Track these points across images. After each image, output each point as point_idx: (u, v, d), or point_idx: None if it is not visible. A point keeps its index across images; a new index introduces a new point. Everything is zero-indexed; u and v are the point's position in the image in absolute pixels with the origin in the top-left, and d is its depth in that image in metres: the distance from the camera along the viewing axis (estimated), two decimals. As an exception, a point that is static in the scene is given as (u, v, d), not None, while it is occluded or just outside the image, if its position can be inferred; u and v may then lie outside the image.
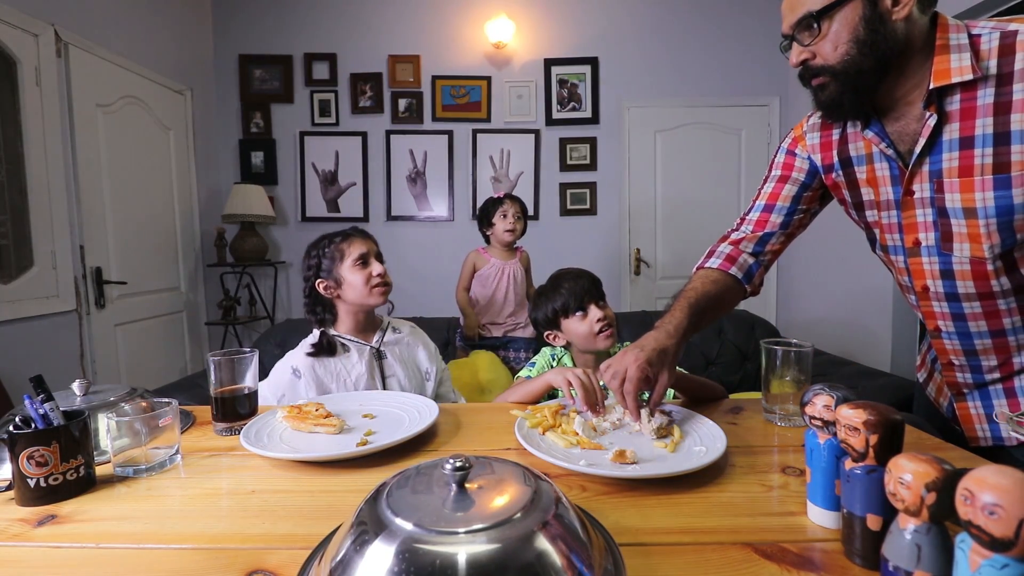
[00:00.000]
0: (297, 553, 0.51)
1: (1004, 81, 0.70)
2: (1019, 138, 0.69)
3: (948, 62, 0.71)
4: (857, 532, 0.49)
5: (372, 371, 1.23)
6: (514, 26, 3.29)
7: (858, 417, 0.47)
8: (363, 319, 1.26)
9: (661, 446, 0.76)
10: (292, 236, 3.46)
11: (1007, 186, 0.71)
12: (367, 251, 1.22)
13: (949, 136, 0.74)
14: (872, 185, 0.85)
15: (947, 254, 0.79)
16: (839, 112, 0.82)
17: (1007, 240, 0.74)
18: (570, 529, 0.42)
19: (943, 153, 0.75)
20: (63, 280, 2.25)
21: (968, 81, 0.71)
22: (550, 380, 1.02)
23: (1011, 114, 0.69)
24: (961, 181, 0.74)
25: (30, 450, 0.63)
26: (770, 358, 0.89)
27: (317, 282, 1.22)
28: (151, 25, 2.84)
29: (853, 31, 0.73)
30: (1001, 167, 0.71)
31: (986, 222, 0.74)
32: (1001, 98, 0.70)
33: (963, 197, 0.74)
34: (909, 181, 0.79)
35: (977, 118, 0.72)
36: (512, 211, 2.20)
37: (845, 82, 0.76)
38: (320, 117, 3.38)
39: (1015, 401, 0.84)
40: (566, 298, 1.19)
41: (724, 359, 1.87)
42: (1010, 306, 0.79)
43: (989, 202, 0.72)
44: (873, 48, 0.73)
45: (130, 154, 2.67)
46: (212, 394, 0.89)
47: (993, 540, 0.33)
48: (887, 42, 0.72)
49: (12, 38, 2.04)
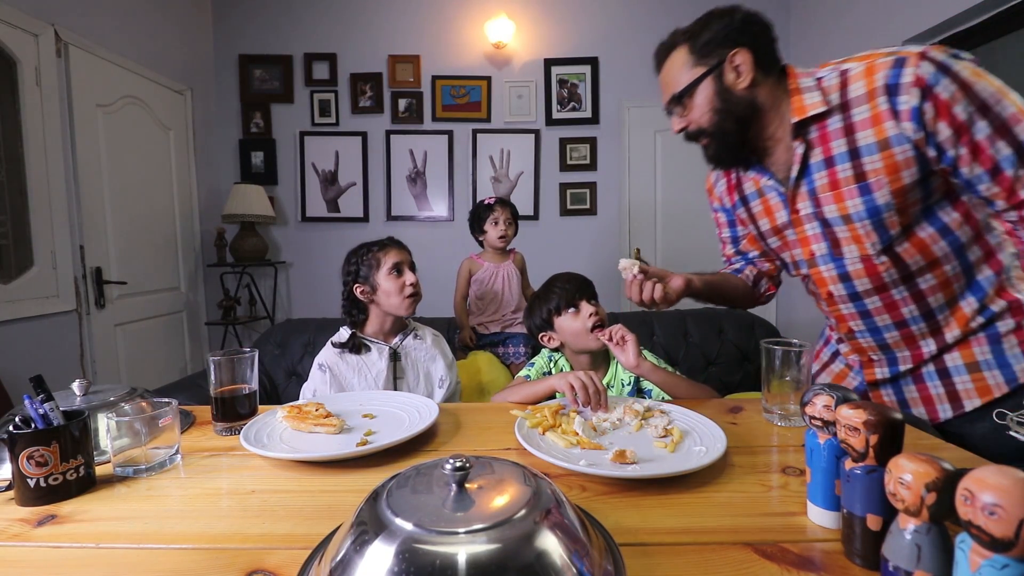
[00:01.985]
0: (297, 553, 0.51)
1: (846, 108, 0.85)
2: (866, 151, 0.84)
3: (802, 100, 0.88)
4: (857, 532, 0.49)
5: (388, 371, 1.30)
6: (514, 26, 3.29)
7: (858, 417, 0.47)
8: (391, 323, 1.35)
9: (661, 446, 0.76)
10: (292, 236, 3.46)
11: (869, 191, 0.85)
12: (401, 260, 1.32)
13: (815, 159, 0.90)
14: (768, 215, 1.01)
15: (839, 258, 0.93)
16: (723, 163, 1.00)
17: (884, 237, 0.87)
18: (570, 529, 0.42)
19: (814, 174, 0.90)
20: (63, 280, 2.25)
21: (821, 113, 0.86)
22: (553, 384, 1.02)
23: (856, 133, 0.85)
24: (833, 194, 0.89)
25: (30, 450, 0.63)
26: (770, 358, 0.89)
27: (355, 287, 1.31)
28: (151, 25, 2.83)
29: (711, 103, 0.91)
30: (860, 176, 0.85)
31: (861, 224, 0.87)
32: (847, 121, 0.85)
33: (838, 207, 0.89)
34: (793, 201, 0.94)
35: (832, 141, 0.87)
36: (503, 217, 2.22)
37: (718, 140, 0.93)
38: (320, 117, 3.38)
39: (923, 386, 0.95)
40: (558, 297, 1.22)
41: (724, 359, 1.87)
42: (903, 295, 0.91)
43: (859, 207, 0.87)
44: (729, 112, 0.90)
45: (130, 154, 2.67)
46: (212, 394, 0.89)
47: (993, 540, 0.33)
48: (739, 106, 0.90)
49: (12, 38, 2.04)
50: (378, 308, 1.32)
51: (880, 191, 0.84)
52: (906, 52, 0.80)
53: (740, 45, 0.88)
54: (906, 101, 0.79)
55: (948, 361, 0.92)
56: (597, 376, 0.95)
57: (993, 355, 0.88)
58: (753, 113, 0.90)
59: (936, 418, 0.94)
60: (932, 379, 0.94)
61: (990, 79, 0.78)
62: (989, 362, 0.89)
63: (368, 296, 1.31)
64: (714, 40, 0.90)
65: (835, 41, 2.92)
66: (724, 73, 0.90)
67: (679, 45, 0.94)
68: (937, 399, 0.94)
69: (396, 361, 1.32)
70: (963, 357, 0.90)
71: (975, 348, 0.90)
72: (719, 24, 0.90)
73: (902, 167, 0.82)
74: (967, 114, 0.76)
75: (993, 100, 0.77)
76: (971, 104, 0.76)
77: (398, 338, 1.35)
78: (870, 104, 0.82)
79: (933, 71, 0.77)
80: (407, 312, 1.32)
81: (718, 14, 0.91)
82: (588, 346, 1.19)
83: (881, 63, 0.81)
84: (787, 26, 3.36)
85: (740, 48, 0.88)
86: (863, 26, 2.71)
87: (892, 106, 0.80)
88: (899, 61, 0.79)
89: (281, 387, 1.78)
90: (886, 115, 0.81)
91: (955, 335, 0.91)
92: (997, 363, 0.88)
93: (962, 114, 0.77)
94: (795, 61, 0.92)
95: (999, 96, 0.77)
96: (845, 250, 0.91)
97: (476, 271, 2.28)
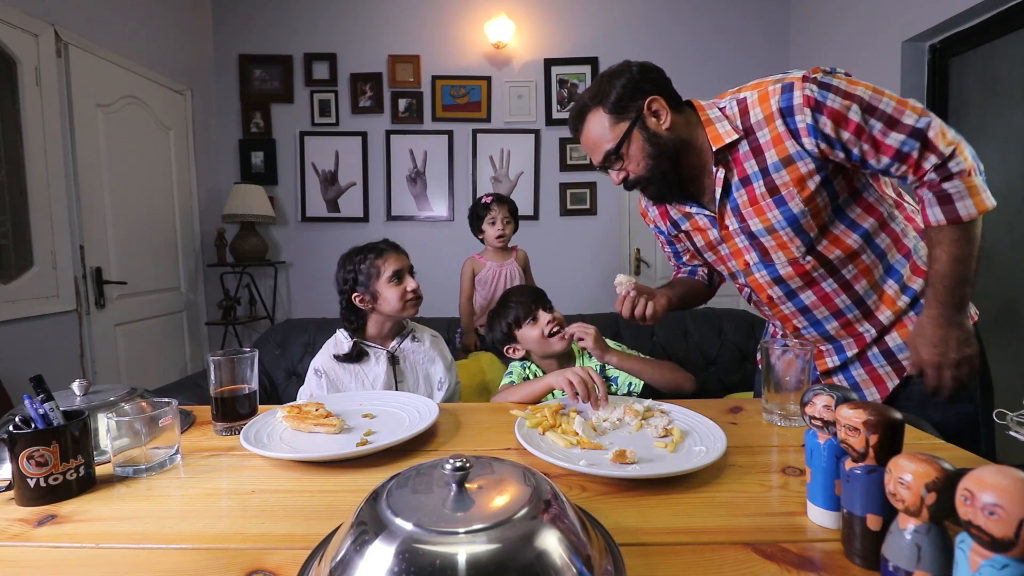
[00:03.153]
0: (297, 553, 0.51)
1: (749, 132, 0.96)
2: (774, 168, 0.94)
3: (717, 130, 0.97)
4: (857, 532, 0.49)
5: (388, 375, 1.29)
6: (514, 26, 3.29)
7: (858, 417, 0.47)
8: (389, 326, 1.33)
9: (661, 446, 0.76)
10: (292, 236, 3.46)
11: (784, 203, 0.95)
12: (401, 267, 1.29)
13: (734, 180, 1.00)
14: (700, 233, 1.10)
15: (771, 264, 1.02)
16: (666, 199, 1.10)
17: (805, 239, 0.98)
18: (570, 529, 0.42)
19: (734, 193, 1.00)
20: (63, 280, 2.25)
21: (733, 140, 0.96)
22: (551, 382, 1.03)
23: (763, 153, 0.95)
24: (753, 208, 0.98)
25: (30, 450, 0.63)
26: (770, 358, 0.89)
27: (353, 296, 1.28)
28: (151, 25, 2.83)
29: (643, 150, 0.99)
30: (774, 191, 0.96)
31: (784, 232, 0.97)
32: (752, 144, 0.96)
33: (760, 220, 0.98)
34: (721, 219, 1.04)
35: (744, 163, 0.97)
36: (500, 216, 2.20)
37: (658, 182, 1.02)
38: (320, 117, 3.38)
39: (871, 368, 1.03)
40: (516, 310, 1.28)
41: (724, 359, 1.87)
42: (834, 287, 1.00)
43: (778, 217, 0.96)
44: (662, 154, 0.99)
45: (130, 154, 2.67)
46: (212, 394, 0.89)
47: (993, 540, 0.33)
48: (669, 147, 0.99)
49: (12, 38, 2.04)
50: (375, 315, 1.31)
51: (793, 201, 0.94)
52: (791, 78, 0.92)
53: (649, 93, 0.97)
54: (801, 120, 0.89)
55: (890, 342, 1.01)
56: (595, 373, 0.95)
57: None
58: (681, 149, 1.00)
59: (885, 393, 1.02)
60: (878, 360, 1.02)
61: (865, 84, 0.90)
62: None
63: (368, 304, 1.28)
64: (625, 95, 0.98)
65: (835, 41, 2.92)
66: (646, 121, 0.98)
67: (592, 109, 1.01)
68: (885, 376, 1.02)
69: (395, 365, 1.31)
70: (901, 336, 1.00)
71: (909, 326, 0.99)
72: (621, 80, 0.98)
73: (806, 178, 0.93)
74: (859, 116, 0.87)
75: (875, 100, 0.87)
76: (859, 108, 0.87)
77: (396, 341, 1.33)
78: (769, 127, 0.93)
79: (818, 89, 0.88)
80: (410, 314, 1.31)
81: (614, 73, 1.00)
82: (552, 350, 1.26)
83: (772, 90, 0.92)
84: (787, 26, 3.36)
85: (651, 95, 0.97)
86: (863, 26, 2.71)
87: (788, 126, 0.91)
88: (787, 86, 0.90)
89: (281, 387, 1.78)
90: (785, 135, 0.92)
91: (888, 316, 1.00)
92: None
93: (855, 117, 0.87)
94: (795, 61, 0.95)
95: (877, 95, 0.88)
96: (774, 257, 1.01)
97: (479, 271, 2.27)
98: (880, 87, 0.90)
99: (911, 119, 0.86)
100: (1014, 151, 2.13)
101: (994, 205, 0.86)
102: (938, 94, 2.44)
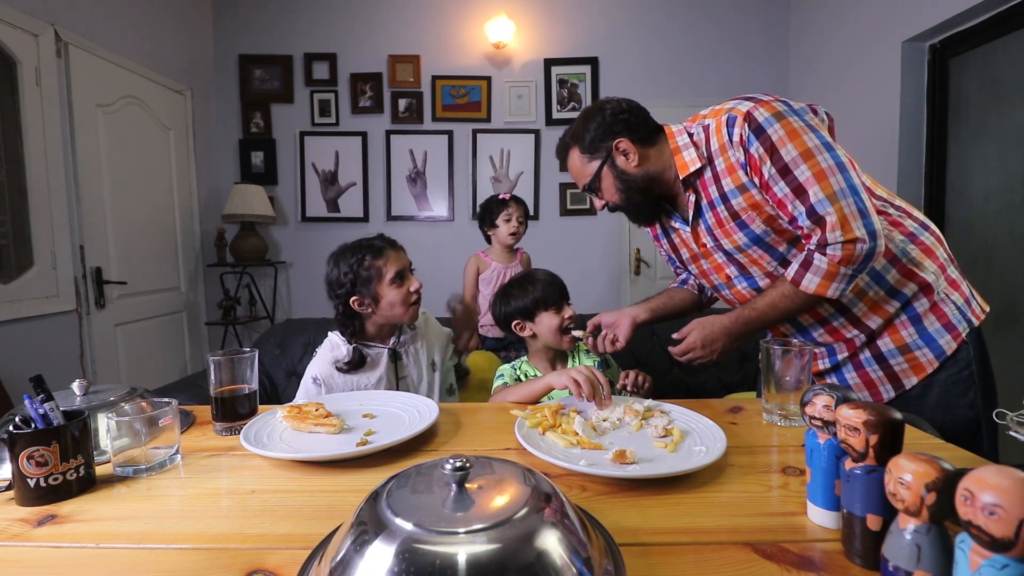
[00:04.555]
0: (297, 553, 0.51)
1: (711, 158, 1.01)
2: (732, 195, 0.99)
3: (683, 159, 1.03)
4: (857, 532, 0.49)
5: (390, 372, 1.25)
6: (514, 26, 3.29)
7: (858, 417, 0.47)
8: (387, 327, 1.27)
9: (661, 446, 0.76)
10: (292, 236, 3.46)
11: (745, 225, 1.00)
12: (403, 267, 1.21)
13: (703, 203, 1.05)
14: (684, 245, 1.15)
15: (750, 277, 1.06)
16: (646, 223, 1.18)
17: (775, 255, 1.01)
18: (570, 529, 0.42)
19: (704, 215, 1.06)
20: (63, 280, 2.25)
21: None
22: (552, 382, 1.02)
23: (721, 181, 1.00)
24: (722, 231, 1.03)
25: (30, 450, 0.63)
26: (770, 358, 0.89)
27: (352, 300, 1.19)
28: (151, 25, 2.83)
29: (614, 185, 1.08)
30: (735, 215, 1.00)
31: (753, 250, 1.02)
32: (713, 171, 1.01)
33: (729, 240, 1.03)
34: (697, 238, 1.10)
35: (709, 187, 1.03)
36: (516, 215, 2.21)
37: (633, 211, 1.11)
38: (320, 117, 3.38)
39: (864, 372, 1.04)
40: (546, 292, 1.25)
41: (724, 359, 1.86)
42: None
43: (744, 238, 1.01)
44: (631, 188, 1.06)
45: (130, 154, 2.67)
46: (212, 394, 0.89)
47: (993, 540, 0.33)
48: (638, 182, 1.06)
49: (12, 38, 2.04)
50: (374, 317, 1.23)
51: (754, 223, 0.99)
52: (737, 111, 0.95)
53: (619, 135, 1.04)
54: (735, 156, 0.96)
55: (882, 346, 1.01)
56: (596, 371, 0.95)
57: (919, 335, 0.99)
58: (651, 183, 1.07)
59: (880, 399, 1.02)
60: (871, 364, 1.03)
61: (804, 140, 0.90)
62: (917, 342, 0.99)
63: (368, 308, 1.20)
64: (596, 137, 1.06)
65: (835, 41, 2.91)
66: (615, 160, 1.06)
67: (571, 147, 1.11)
68: (879, 382, 1.02)
69: (397, 361, 1.26)
70: (894, 341, 1.00)
71: (903, 332, 0.99)
72: (595, 123, 1.06)
73: (762, 204, 0.97)
74: (769, 172, 0.92)
75: (794, 164, 0.90)
76: (772, 166, 0.91)
77: (393, 339, 1.27)
78: (723, 157, 0.99)
79: (750, 133, 0.92)
80: (411, 320, 1.25)
81: (589, 114, 1.08)
82: (560, 345, 1.26)
83: (722, 121, 0.98)
84: (787, 26, 3.36)
85: (619, 137, 1.04)
86: (863, 26, 2.71)
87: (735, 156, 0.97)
88: (731, 120, 0.96)
89: (281, 387, 1.78)
90: (736, 165, 0.97)
91: (877, 322, 1.00)
92: (924, 341, 0.98)
93: (766, 172, 0.92)
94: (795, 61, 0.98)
95: (802, 159, 0.90)
96: (752, 270, 1.05)
97: (484, 270, 2.26)
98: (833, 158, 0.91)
99: (816, 197, 0.89)
100: (1014, 151, 2.13)
101: (835, 296, 0.93)
102: (938, 94, 2.44)
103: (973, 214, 2.32)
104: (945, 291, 0.99)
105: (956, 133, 2.40)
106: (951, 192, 2.43)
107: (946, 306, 0.98)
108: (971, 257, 2.30)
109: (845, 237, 0.88)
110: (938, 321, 0.98)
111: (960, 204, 2.39)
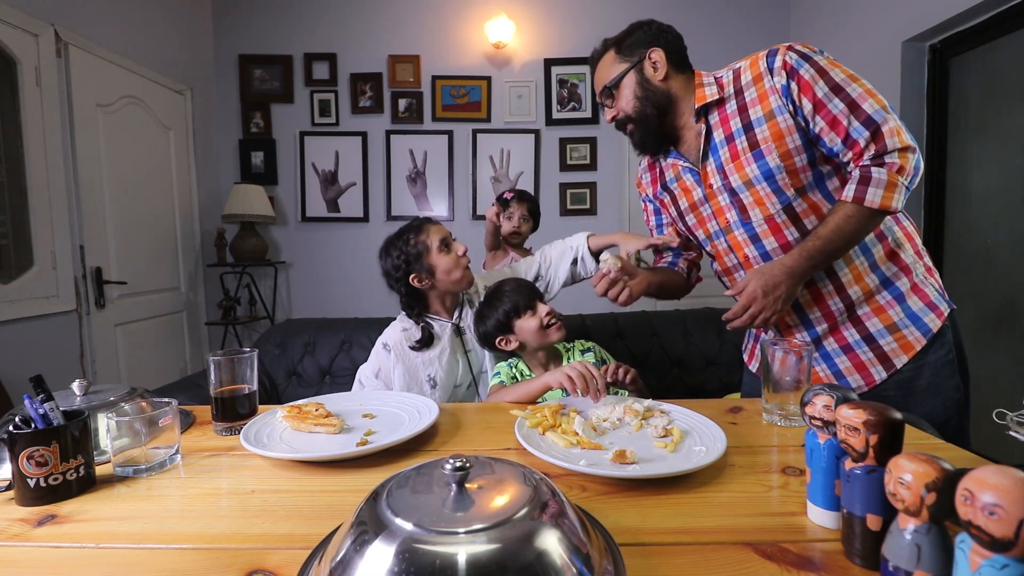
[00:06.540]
0: (297, 553, 0.51)
1: (738, 92, 1.05)
2: (756, 123, 1.02)
3: (704, 91, 1.07)
4: (857, 532, 0.49)
5: (455, 346, 1.32)
6: (514, 26, 3.29)
7: (858, 417, 0.47)
8: (450, 301, 1.35)
9: (661, 446, 0.76)
10: (292, 236, 3.46)
11: (762, 156, 1.01)
12: (445, 236, 1.32)
13: (718, 139, 1.08)
14: (686, 193, 1.17)
15: (748, 222, 1.07)
16: (647, 148, 1.18)
17: (782, 198, 1.03)
18: (570, 529, 0.42)
19: (718, 151, 1.08)
20: (63, 280, 2.25)
21: (719, 100, 1.06)
22: (548, 381, 1.03)
23: (748, 111, 1.03)
24: (735, 164, 1.05)
25: (30, 450, 0.63)
26: (770, 358, 0.89)
27: (411, 277, 1.28)
28: (151, 25, 2.83)
29: (634, 91, 1.11)
30: (754, 145, 1.02)
31: (761, 187, 1.03)
32: (740, 102, 1.04)
33: (740, 175, 1.05)
34: (704, 177, 1.11)
35: (730, 120, 1.05)
36: (518, 213, 2.13)
37: (641, 126, 1.12)
38: (320, 117, 3.38)
39: (854, 355, 1.05)
40: (515, 300, 1.26)
41: (724, 359, 1.86)
42: None
43: (757, 171, 1.02)
44: (649, 99, 1.10)
45: (130, 154, 2.67)
46: (212, 394, 0.89)
47: (993, 540, 0.33)
48: (657, 94, 1.09)
49: (12, 38, 2.04)
50: (436, 291, 1.31)
51: (770, 155, 1.01)
52: (777, 46, 1.01)
53: (656, 46, 1.09)
54: (779, 80, 0.98)
55: (871, 327, 1.04)
56: (591, 366, 0.95)
57: (904, 313, 1.02)
58: (668, 102, 1.10)
59: (873, 382, 1.04)
60: (860, 347, 1.05)
61: (844, 69, 0.97)
62: (904, 320, 1.02)
63: (427, 282, 1.28)
64: (636, 42, 1.11)
65: (835, 41, 2.91)
66: (644, 67, 1.10)
67: (608, 49, 1.15)
68: (869, 363, 1.04)
69: (461, 336, 1.33)
70: (882, 321, 1.03)
71: (890, 311, 1.03)
72: (640, 31, 1.12)
73: (785, 134, 0.99)
74: (824, 92, 0.94)
75: (844, 83, 0.94)
76: (826, 84, 0.95)
77: (457, 313, 1.35)
78: (756, 86, 1.02)
79: (797, 58, 0.97)
80: (468, 284, 1.32)
81: (639, 24, 1.14)
82: (549, 341, 1.25)
83: (761, 54, 1.02)
84: (787, 26, 3.36)
85: (656, 47, 1.09)
86: (863, 26, 2.71)
87: (772, 84, 0.99)
88: (773, 51, 1.00)
89: (281, 387, 1.78)
90: (770, 91, 1.00)
91: (856, 292, 1.04)
92: (910, 320, 1.02)
93: (820, 92, 0.95)
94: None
95: (849, 80, 0.95)
96: (751, 214, 1.06)
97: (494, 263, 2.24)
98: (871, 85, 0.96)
99: (871, 108, 0.92)
100: (1014, 151, 2.13)
101: (897, 209, 0.92)
102: (938, 94, 2.44)
103: (973, 214, 2.32)
104: (923, 275, 1.05)
105: (956, 133, 2.40)
106: (951, 192, 2.43)
107: (926, 288, 1.04)
108: (971, 257, 2.30)
109: (902, 144, 0.91)
110: (921, 301, 1.02)
111: (960, 204, 2.39)
